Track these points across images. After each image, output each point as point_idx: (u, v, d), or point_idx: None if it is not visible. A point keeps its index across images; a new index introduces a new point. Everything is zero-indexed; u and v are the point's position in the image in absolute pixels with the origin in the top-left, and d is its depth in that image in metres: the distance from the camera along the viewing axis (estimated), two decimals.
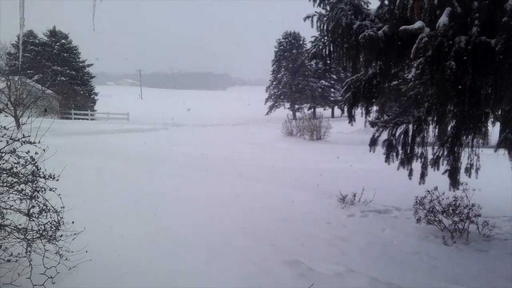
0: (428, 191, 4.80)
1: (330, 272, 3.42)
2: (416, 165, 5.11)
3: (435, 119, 4.54)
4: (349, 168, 9.76)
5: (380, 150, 5.38)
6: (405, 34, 3.58)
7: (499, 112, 4.52)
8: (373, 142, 5.31)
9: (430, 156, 4.96)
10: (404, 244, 4.33)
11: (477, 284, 3.39)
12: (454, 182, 4.76)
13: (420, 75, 3.91)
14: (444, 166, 4.86)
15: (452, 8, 3.33)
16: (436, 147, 4.86)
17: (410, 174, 5.14)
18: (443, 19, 3.29)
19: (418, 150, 5.02)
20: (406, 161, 5.06)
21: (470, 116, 3.95)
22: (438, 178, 4.94)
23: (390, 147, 5.14)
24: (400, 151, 5.09)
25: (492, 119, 4.72)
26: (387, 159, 5.18)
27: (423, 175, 5.02)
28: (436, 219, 4.64)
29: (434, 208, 4.66)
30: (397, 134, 5.11)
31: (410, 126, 4.96)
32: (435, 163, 4.86)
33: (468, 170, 4.85)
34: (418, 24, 3.46)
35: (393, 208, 5.81)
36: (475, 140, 4.49)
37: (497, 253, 4.09)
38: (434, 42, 3.46)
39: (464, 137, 4.46)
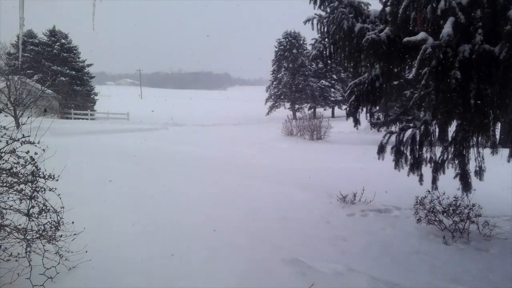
0: (429, 191, 4.80)
1: (330, 271, 3.42)
2: (425, 170, 5.00)
3: (440, 123, 4.52)
4: (349, 167, 9.75)
5: (385, 153, 5.32)
6: (409, 44, 3.56)
7: (505, 114, 4.50)
8: (381, 149, 5.17)
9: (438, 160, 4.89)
10: (404, 244, 4.32)
11: (478, 284, 3.38)
12: (466, 185, 4.71)
13: (425, 86, 3.90)
14: (449, 169, 4.83)
15: (455, 18, 3.31)
16: (442, 150, 4.84)
17: (421, 179, 4.97)
18: (447, 30, 3.26)
19: (426, 154, 4.94)
20: (415, 167, 4.94)
21: (477, 125, 3.95)
22: (442, 179, 4.93)
23: (398, 153, 5.03)
24: (409, 157, 4.98)
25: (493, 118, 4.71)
26: (397, 165, 5.05)
27: (434, 180, 4.90)
28: (437, 219, 4.64)
29: (435, 208, 4.65)
30: (404, 139, 5.03)
31: (417, 131, 4.90)
32: (441, 167, 4.83)
33: (477, 173, 4.81)
34: (421, 35, 3.43)
35: (394, 208, 5.81)
36: (482, 143, 4.46)
37: (498, 253, 4.09)
38: (438, 53, 3.44)
39: (471, 139, 4.44)
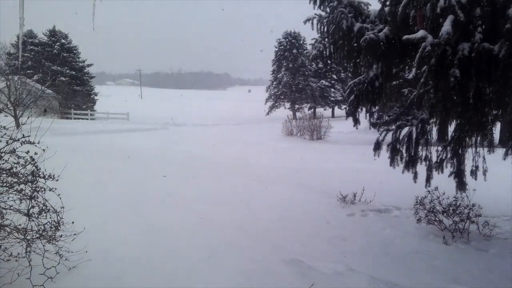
0: (429, 191, 4.79)
1: (330, 271, 3.42)
2: (420, 168, 5.01)
3: (438, 122, 4.52)
4: (349, 167, 9.75)
5: (381, 150, 5.34)
6: (408, 42, 3.57)
7: (504, 113, 4.50)
8: (377, 146, 5.17)
9: (434, 159, 4.89)
10: (404, 244, 4.32)
11: (478, 284, 3.38)
12: (461, 184, 4.71)
13: (424, 84, 3.90)
14: (447, 168, 4.82)
15: (455, 16, 3.31)
16: (439, 148, 4.83)
17: (415, 177, 5.00)
18: (446, 28, 3.26)
19: (422, 152, 4.94)
20: (411, 164, 4.95)
21: (475, 123, 3.95)
22: (440, 178, 4.93)
23: (394, 151, 5.04)
24: (405, 154, 4.99)
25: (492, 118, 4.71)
26: (392, 162, 5.08)
27: (428, 178, 4.91)
28: (437, 219, 4.64)
29: (435, 208, 4.65)
30: (400, 137, 5.04)
31: (414, 129, 4.91)
32: (439, 166, 4.83)
33: (473, 173, 4.80)
34: (420, 33, 3.43)
35: (394, 208, 5.81)
36: (480, 143, 4.46)
37: (498, 252, 4.09)
38: (438, 51, 3.44)
39: (469, 139, 4.44)
